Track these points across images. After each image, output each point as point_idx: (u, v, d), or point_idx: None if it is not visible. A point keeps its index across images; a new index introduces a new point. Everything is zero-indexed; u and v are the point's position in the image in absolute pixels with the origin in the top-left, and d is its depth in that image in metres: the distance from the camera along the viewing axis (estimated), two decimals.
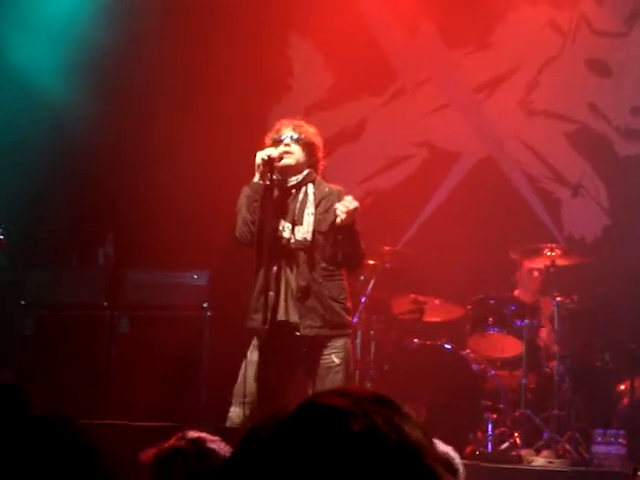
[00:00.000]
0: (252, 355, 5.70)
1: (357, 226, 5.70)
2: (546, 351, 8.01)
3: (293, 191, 5.79)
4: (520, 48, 9.46)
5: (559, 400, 7.61)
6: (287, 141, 5.74)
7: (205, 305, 7.95)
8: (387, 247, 8.32)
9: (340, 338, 5.70)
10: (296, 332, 5.65)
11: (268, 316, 5.59)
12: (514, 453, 7.36)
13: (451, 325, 8.37)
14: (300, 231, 5.69)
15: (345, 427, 1.27)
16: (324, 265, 5.67)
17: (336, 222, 5.59)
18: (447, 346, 7.93)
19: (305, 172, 5.79)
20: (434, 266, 8.57)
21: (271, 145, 5.77)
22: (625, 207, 9.04)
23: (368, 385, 7.79)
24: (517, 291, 8.36)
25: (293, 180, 5.78)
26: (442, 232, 8.97)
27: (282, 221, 5.72)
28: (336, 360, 5.64)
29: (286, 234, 5.69)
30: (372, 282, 8.08)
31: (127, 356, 7.85)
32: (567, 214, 9.32)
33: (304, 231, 5.69)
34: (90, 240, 8.74)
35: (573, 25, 9.40)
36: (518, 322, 7.84)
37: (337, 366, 5.63)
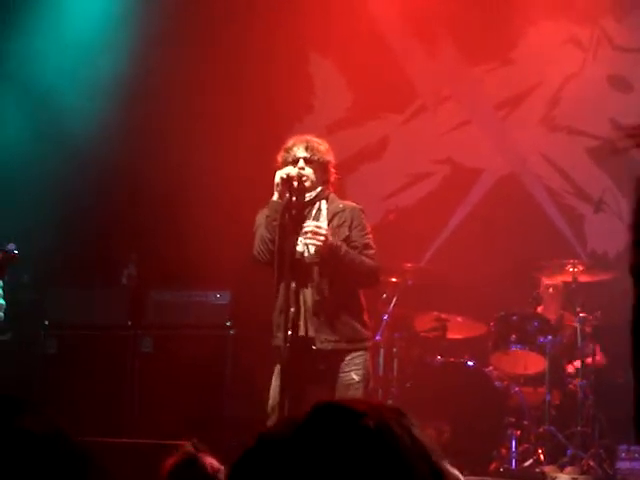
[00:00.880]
0: (276, 372, 5.70)
1: (343, 252, 5.59)
2: (569, 368, 7.98)
3: (307, 207, 5.79)
4: (541, 64, 9.46)
5: (583, 416, 7.58)
6: (301, 164, 5.71)
7: (228, 324, 7.98)
8: (409, 264, 8.33)
9: (359, 354, 5.68)
10: (312, 346, 5.62)
11: (289, 333, 5.59)
12: (538, 470, 7.33)
13: (474, 342, 8.34)
14: (313, 246, 5.65)
15: (361, 425, 1.34)
16: (339, 279, 5.65)
17: (305, 258, 5.60)
18: (470, 363, 7.92)
19: (318, 189, 5.79)
20: (456, 283, 8.57)
21: (282, 163, 5.76)
22: None
23: (390, 402, 7.77)
24: (540, 307, 8.33)
25: (307, 197, 5.78)
26: (464, 249, 8.96)
27: (296, 236, 5.71)
28: (355, 377, 5.63)
29: (299, 248, 5.68)
30: (394, 300, 8.09)
31: (151, 375, 7.89)
32: (590, 230, 9.29)
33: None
34: (114, 260, 8.82)
35: (594, 41, 9.39)
36: (541, 338, 7.81)
37: (357, 383, 5.62)
